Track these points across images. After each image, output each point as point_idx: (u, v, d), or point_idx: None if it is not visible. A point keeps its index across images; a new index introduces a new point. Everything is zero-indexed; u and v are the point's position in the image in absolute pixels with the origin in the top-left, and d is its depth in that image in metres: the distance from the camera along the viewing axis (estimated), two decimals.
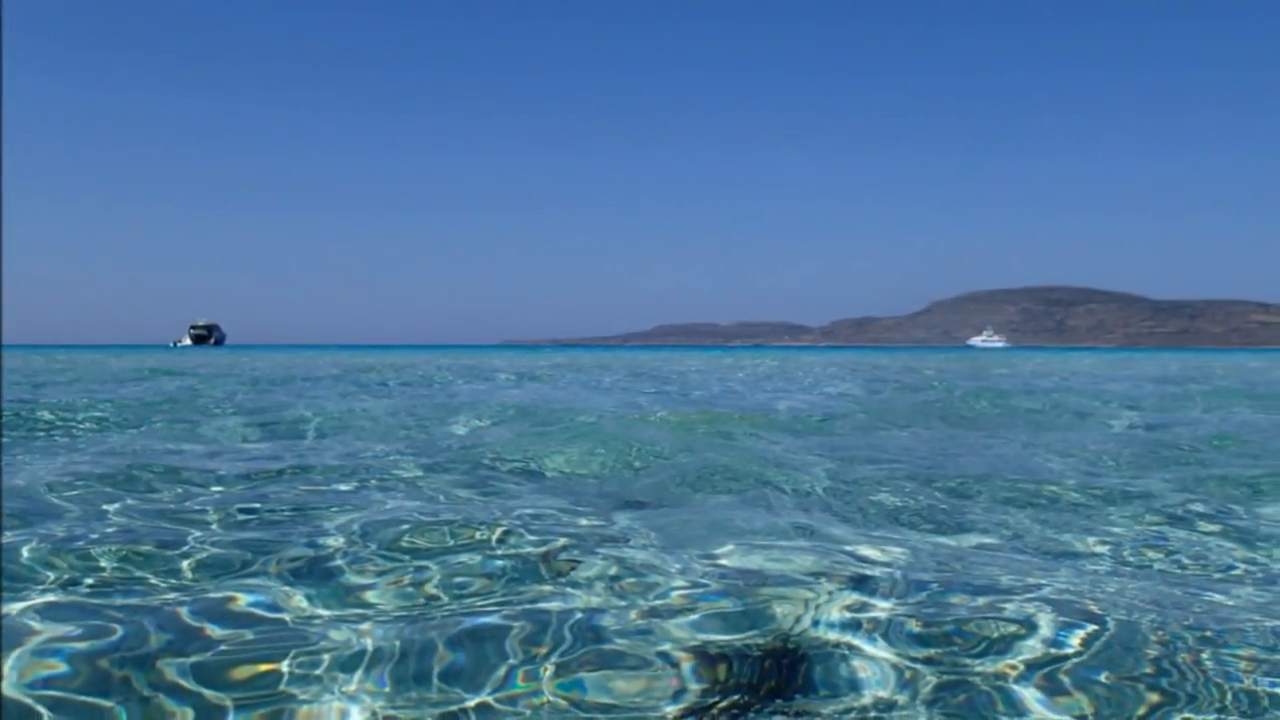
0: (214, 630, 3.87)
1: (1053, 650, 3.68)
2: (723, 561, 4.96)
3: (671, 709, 3.25)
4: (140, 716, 3.13)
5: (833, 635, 3.84)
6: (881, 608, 4.13)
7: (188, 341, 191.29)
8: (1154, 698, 3.30)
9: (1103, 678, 3.45)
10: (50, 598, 4.25)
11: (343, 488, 7.44)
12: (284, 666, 3.50)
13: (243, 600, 4.27)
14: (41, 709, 3.14)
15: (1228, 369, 44.53)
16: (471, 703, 3.28)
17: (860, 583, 4.51)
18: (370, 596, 4.40)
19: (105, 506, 6.37)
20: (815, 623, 3.97)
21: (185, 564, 4.90)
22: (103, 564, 4.84)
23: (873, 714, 3.21)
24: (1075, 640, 3.76)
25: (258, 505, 6.45)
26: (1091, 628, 3.87)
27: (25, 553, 4.94)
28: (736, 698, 3.34)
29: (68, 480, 7.25)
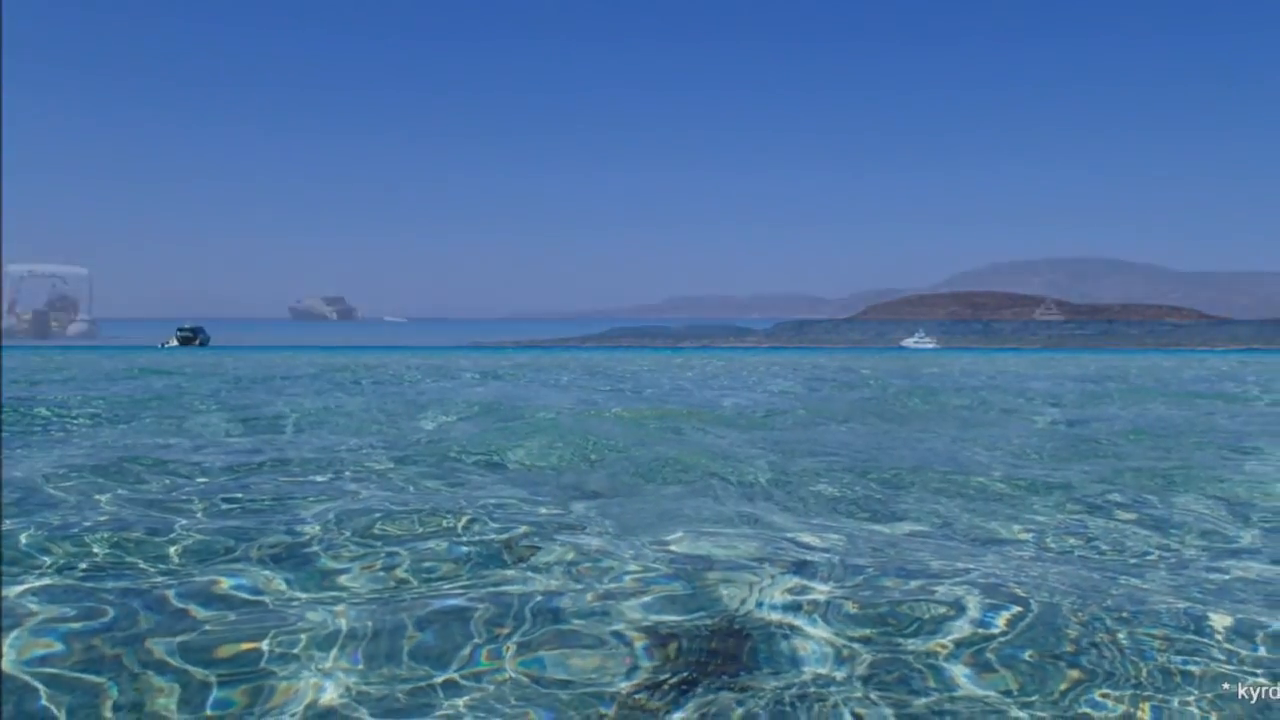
0: (199, 611, 3.85)
1: (980, 630, 3.72)
2: (672, 547, 4.97)
3: (625, 685, 3.27)
4: (131, 692, 3.12)
5: (775, 616, 3.87)
6: (820, 590, 4.16)
7: (175, 343, 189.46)
8: (1074, 674, 3.34)
9: (1027, 656, 3.49)
10: (47, 581, 4.22)
11: (319, 479, 7.40)
12: (264, 645, 3.50)
13: (226, 584, 4.26)
14: (39, 685, 3.13)
15: (1143, 368, 44.83)
16: (439, 679, 3.28)
17: (801, 567, 4.54)
18: (344, 580, 4.39)
19: (98, 496, 6.32)
20: (759, 604, 4.00)
21: (172, 550, 4.87)
22: (95, 550, 4.80)
23: (812, 689, 3.23)
24: (1001, 621, 3.80)
25: (240, 495, 6.41)
26: (1016, 609, 3.91)
27: (24, 539, 4.90)
28: (685, 674, 3.35)
29: (63, 472, 7.18)
